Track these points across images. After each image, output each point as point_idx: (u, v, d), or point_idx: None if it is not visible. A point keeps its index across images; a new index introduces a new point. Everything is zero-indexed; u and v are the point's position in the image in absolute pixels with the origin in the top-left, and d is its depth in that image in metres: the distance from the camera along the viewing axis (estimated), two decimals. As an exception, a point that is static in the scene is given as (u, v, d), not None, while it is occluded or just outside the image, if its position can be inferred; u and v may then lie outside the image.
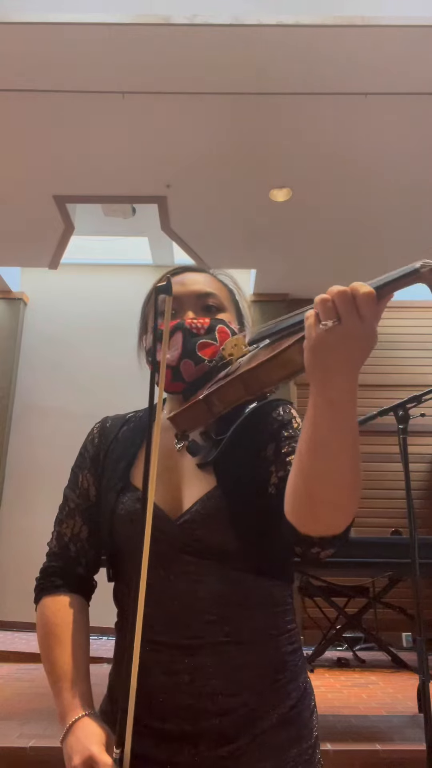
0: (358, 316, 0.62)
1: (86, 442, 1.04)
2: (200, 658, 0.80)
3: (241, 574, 0.84)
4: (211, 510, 0.84)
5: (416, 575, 2.18)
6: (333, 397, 0.66)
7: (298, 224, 4.71)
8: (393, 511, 5.24)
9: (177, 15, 3.18)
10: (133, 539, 0.87)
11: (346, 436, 0.68)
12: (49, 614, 0.91)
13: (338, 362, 0.64)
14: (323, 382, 0.66)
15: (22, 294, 6.42)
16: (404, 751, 2.24)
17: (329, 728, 2.51)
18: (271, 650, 0.84)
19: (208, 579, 0.83)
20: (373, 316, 0.63)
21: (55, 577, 0.94)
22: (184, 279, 0.99)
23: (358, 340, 0.64)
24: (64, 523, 0.98)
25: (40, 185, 4.33)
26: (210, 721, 0.79)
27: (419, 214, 4.52)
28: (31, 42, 3.25)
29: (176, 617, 0.82)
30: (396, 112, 3.64)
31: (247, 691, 0.81)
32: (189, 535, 0.84)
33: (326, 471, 0.69)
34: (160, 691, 0.81)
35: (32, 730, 2.36)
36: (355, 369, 0.65)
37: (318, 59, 3.32)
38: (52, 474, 5.62)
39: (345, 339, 0.63)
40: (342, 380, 0.65)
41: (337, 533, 0.73)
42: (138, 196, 4.57)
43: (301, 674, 0.87)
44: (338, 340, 0.63)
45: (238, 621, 0.83)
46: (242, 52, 3.29)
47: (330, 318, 0.63)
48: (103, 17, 3.19)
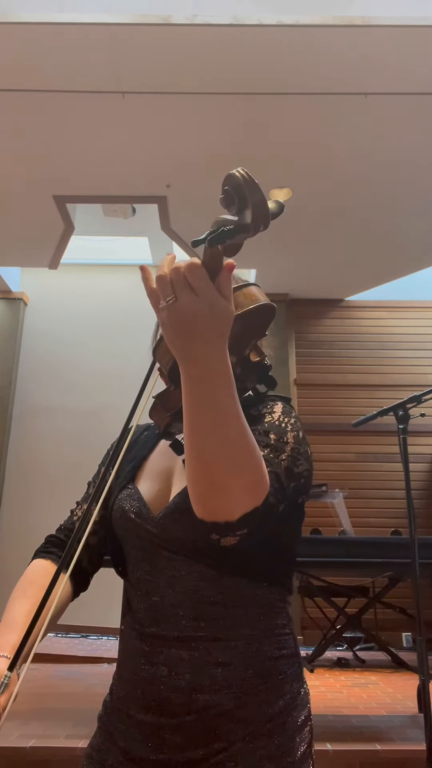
0: (192, 289, 0.63)
1: (113, 443, 1.07)
2: (177, 651, 0.81)
3: (216, 571, 0.84)
4: (183, 506, 0.84)
5: (416, 575, 2.18)
6: (192, 375, 0.66)
7: (298, 224, 4.71)
8: (393, 511, 5.24)
9: (177, 15, 3.18)
10: (120, 534, 0.92)
11: (212, 415, 0.67)
12: (29, 573, 0.93)
13: (184, 338, 0.64)
14: (179, 359, 0.66)
15: (22, 294, 6.43)
16: (404, 751, 2.24)
17: (329, 728, 2.51)
18: (252, 652, 0.82)
19: (185, 575, 0.84)
20: (206, 288, 0.63)
21: (51, 545, 0.98)
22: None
23: (197, 315, 0.63)
24: (79, 506, 1.03)
25: (40, 185, 4.33)
26: (185, 716, 0.79)
27: (420, 214, 4.52)
28: (32, 42, 3.25)
29: (157, 610, 0.84)
30: (396, 112, 3.64)
31: (224, 691, 0.80)
32: (165, 531, 0.86)
33: (197, 450, 0.69)
34: (144, 681, 0.82)
35: (32, 730, 2.36)
36: (209, 345, 0.64)
37: (318, 59, 3.32)
38: (52, 473, 5.65)
39: (184, 314, 0.63)
40: (196, 356, 0.65)
41: (229, 519, 0.70)
42: (138, 196, 4.57)
43: (290, 683, 0.84)
44: (178, 316, 0.64)
45: (214, 618, 0.82)
46: (242, 52, 3.29)
47: (168, 296, 0.64)
48: (103, 17, 3.19)
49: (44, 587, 0.85)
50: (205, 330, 0.64)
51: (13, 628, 0.82)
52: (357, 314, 6.17)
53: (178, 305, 0.63)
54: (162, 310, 0.65)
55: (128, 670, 0.86)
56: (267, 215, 0.59)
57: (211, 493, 0.70)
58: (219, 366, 0.66)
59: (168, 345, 0.67)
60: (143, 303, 2.32)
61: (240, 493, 0.70)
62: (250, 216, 0.58)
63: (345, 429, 5.21)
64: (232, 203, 0.60)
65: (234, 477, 0.69)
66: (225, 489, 0.70)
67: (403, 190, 4.27)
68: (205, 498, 0.71)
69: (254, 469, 0.70)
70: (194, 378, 0.66)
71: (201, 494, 0.71)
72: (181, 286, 0.63)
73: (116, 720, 0.85)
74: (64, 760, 2.11)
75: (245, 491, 0.70)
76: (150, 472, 0.96)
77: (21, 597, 0.88)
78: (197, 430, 0.68)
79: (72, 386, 6.10)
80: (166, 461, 0.95)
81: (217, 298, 0.64)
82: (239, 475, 0.69)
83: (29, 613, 0.82)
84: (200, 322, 0.63)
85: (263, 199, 0.59)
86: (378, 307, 6.18)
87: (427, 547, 2.56)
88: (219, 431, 0.67)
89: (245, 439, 0.69)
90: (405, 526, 2.62)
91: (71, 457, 5.37)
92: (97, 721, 0.91)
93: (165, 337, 0.67)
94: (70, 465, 4.92)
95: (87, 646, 4.80)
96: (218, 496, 0.70)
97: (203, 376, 0.66)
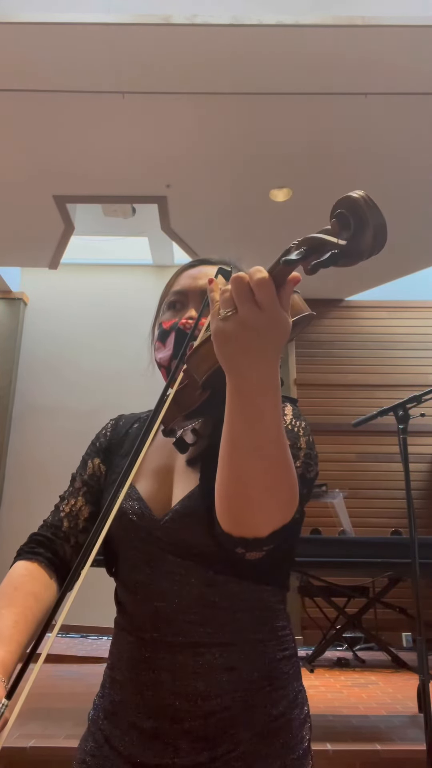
0: (255, 303, 0.60)
1: (99, 434, 1.04)
2: (181, 657, 0.79)
3: (224, 576, 0.82)
4: (190, 510, 0.82)
5: (416, 575, 2.18)
6: (242, 389, 0.63)
7: (298, 224, 4.71)
8: (393, 511, 5.24)
9: (177, 15, 3.18)
10: (117, 535, 0.88)
11: (259, 433, 0.64)
12: (14, 576, 0.86)
13: (240, 352, 0.61)
14: (230, 373, 0.63)
15: (22, 294, 6.43)
16: (404, 751, 2.24)
17: (329, 728, 2.51)
18: (257, 655, 0.82)
19: (191, 580, 0.82)
20: (271, 303, 0.60)
21: (36, 545, 0.92)
22: (196, 273, 0.98)
23: (259, 329, 0.60)
24: (65, 501, 0.96)
25: (40, 185, 4.33)
26: (190, 722, 0.77)
27: (419, 214, 4.52)
28: (31, 42, 3.25)
29: (160, 615, 0.81)
30: (396, 112, 3.64)
31: (229, 695, 0.79)
32: (171, 535, 0.83)
33: (236, 466, 0.66)
34: (145, 687, 0.80)
35: (32, 730, 2.37)
36: (264, 361, 0.62)
37: (318, 59, 3.32)
38: (52, 474, 5.63)
39: (243, 328, 0.60)
40: (249, 371, 0.62)
41: (259, 535, 0.70)
42: (138, 196, 4.57)
43: (291, 683, 0.84)
44: (236, 329, 0.60)
45: (220, 623, 0.81)
46: (242, 52, 3.29)
47: (228, 307, 0.61)
48: (103, 17, 3.19)
49: (31, 593, 0.83)
50: (263, 344, 0.61)
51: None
52: (357, 314, 6.17)
53: (239, 317, 0.60)
54: (220, 320, 0.62)
55: (125, 675, 0.83)
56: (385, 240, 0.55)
57: (245, 509, 0.69)
58: (271, 381, 0.63)
59: (219, 356, 0.63)
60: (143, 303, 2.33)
61: (274, 511, 0.69)
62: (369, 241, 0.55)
63: (345, 429, 5.20)
64: (346, 227, 0.56)
65: (272, 495, 0.67)
66: (261, 506, 0.68)
67: (403, 190, 4.27)
68: (238, 514, 0.69)
69: (291, 487, 0.69)
70: (244, 392, 0.63)
71: (234, 509, 0.69)
72: (245, 298, 0.60)
73: (112, 724, 0.83)
74: (64, 760, 2.11)
75: (279, 509, 0.69)
76: (147, 469, 0.93)
77: (6, 606, 0.81)
78: (240, 446, 0.65)
79: (72, 386, 6.10)
80: (164, 458, 0.92)
81: (279, 313, 0.61)
82: (277, 493, 0.68)
83: (16, 624, 0.78)
84: (259, 337, 0.60)
85: (384, 223, 0.55)
86: (378, 307, 6.18)
87: (427, 547, 2.56)
88: (263, 448, 0.65)
89: (286, 456, 0.67)
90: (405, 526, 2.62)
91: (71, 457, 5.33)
92: (87, 721, 0.88)
93: (218, 349, 0.63)
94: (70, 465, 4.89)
95: (87, 646, 4.81)
96: (253, 513, 0.69)
97: (253, 391, 0.63)
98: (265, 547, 0.71)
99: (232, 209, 4.61)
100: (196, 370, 0.76)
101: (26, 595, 0.82)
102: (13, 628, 0.77)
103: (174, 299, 0.97)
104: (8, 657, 0.75)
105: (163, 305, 1.01)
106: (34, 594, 0.83)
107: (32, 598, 0.83)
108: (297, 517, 0.73)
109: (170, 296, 0.98)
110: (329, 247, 0.57)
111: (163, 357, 0.94)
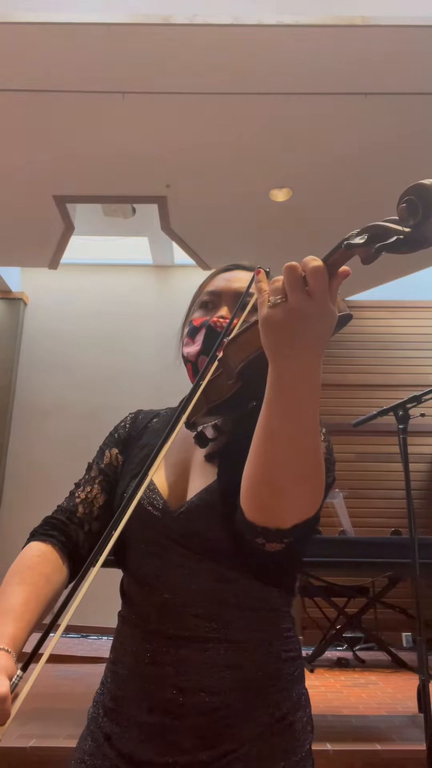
0: (306, 292, 0.60)
1: (117, 425, 1.05)
2: (185, 652, 0.79)
3: (235, 573, 0.82)
4: (208, 503, 0.83)
5: (416, 575, 2.18)
6: (285, 379, 0.63)
7: (298, 224, 4.71)
8: (393, 511, 5.24)
9: (177, 15, 3.18)
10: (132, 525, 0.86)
11: (295, 424, 0.65)
12: (28, 555, 0.85)
13: (287, 341, 0.61)
14: (275, 362, 0.64)
15: (22, 294, 6.43)
16: (404, 751, 2.24)
17: (329, 728, 2.51)
18: (263, 655, 0.82)
19: (201, 574, 0.82)
20: (322, 293, 0.60)
21: (51, 527, 0.91)
22: (230, 276, 1.01)
23: (307, 318, 0.60)
24: (81, 488, 0.96)
25: (40, 185, 4.33)
26: (193, 719, 0.77)
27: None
28: (31, 42, 3.25)
29: (167, 607, 0.81)
30: (395, 112, 3.64)
31: (233, 693, 0.78)
32: (185, 527, 0.83)
33: (270, 455, 0.67)
34: (147, 681, 0.80)
35: (32, 730, 2.36)
36: (309, 351, 0.62)
37: (318, 59, 3.32)
38: (52, 474, 5.65)
39: (292, 316, 0.60)
40: (294, 360, 0.62)
41: (281, 527, 0.70)
42: (138, 196, 4.57)
43: (295, 685, 0.85)
44: (285, 317, 0.61)
45: (228, 619, 0.81)
46: (242, 52, 3.29)
47: (278, 294, 0.61)
48: (103, 17, 3.19)
49: (43, 574, 0.82)
50: (311, 335, 0.61)
51: (10, 617, 0.75)
52: (357, 314, 6.13)
53: (289, 305, 0.60)
54: (270, 307, 0.61)
55: (127, 668, 0.83)
56: None
57: (273, 498, 0.69)
58: (314, 372, 0.63)
59: (265, 343, 0.63)
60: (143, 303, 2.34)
61: (300, 503, 0.70)
62: None
63: (345, 429, 5.20)
64: (414, 213, 0.57)
65: (301, 486, 0.68)
66: (289, 497, 0.69)
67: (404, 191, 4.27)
68: (264, 503, 0.70)
69: (319, 480, 0.70)
70: (286, 382, 0.63)
71: (261, 498, 0.70)
72: (296, 286, 0.60)
73: (112, 721, 0.82)
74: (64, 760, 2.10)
75: (305, 501, 0.70)
76: (164, 462, 0.93)
77: (19, 583, 0.80)
78: (276, 435, 0.66)
79: (72, 386, 6.10)
80: (181, 452, 0.93)
81: (328, 304, 0.61)
82: (305, 485, 0.68)
83: (27, 601, 0.78)
84: (308, 326, 0.61)
85: None
86: (378, 307, 6.17)
87: (427, 547, 2.56)
88: (299, 439, 0.66)
89: (318, 449, 0.68)
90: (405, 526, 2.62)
91: (71, 457, 5.36)
92: (87, 718, 0.88)
93: (264, 336, 0.63)
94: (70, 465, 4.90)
95: (87, 646, 4.80)
96: (280, 503, 0.69)
97: (295, 382, 0.63)
98: (285, 539, 0.72)
99: (232, 209, 4.61)
100: (234, 358, 0.76)
101: (39, 575, 0.82)
102: (24, 606, 0.77)
103: (207, 299, 0.99)
104: (18, 633, 0.74)
105: (195, 304, 1.03)
106: (46, 575, 0.83)
107: (44, 579, 0.82)
108: (318, 514, 0.74)
109: (203, 296, 1.00)
110: (393, 233, 0.57)
111: (191, 352, 0.95)
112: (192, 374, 0.96)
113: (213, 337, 0.91)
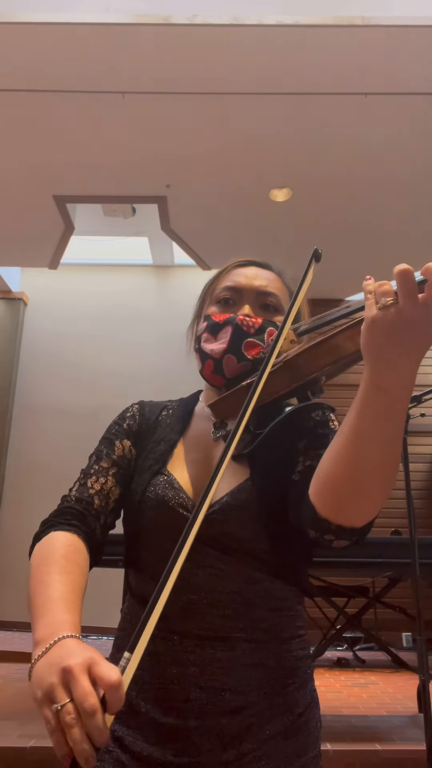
0: (418, 298, 0.59)
1: (124, 415, 1.01)
2: (211, 652, 0.79)
3: (260, 573, 0.83)
4: (241, 502, 0.83)
5: (416, 575, 2.19)
6: (382, 384, 0.63)
7: (298, 224, 4.70)
8: (393, 511, 5.21)
9: (177, 15, 3.18)
10: (157, 524, 0.86)
11: (386, 428, 0.66)
12: (58, 544, 0.79)
13: (393, 343, 0.61)
14: (375, 365, 0.63)
15: (22, 294, 6.43)
16: (404, 751, 2.24)
17: (329, 728, 2.51)
18: (284, 653, 0.83)
19: (229, 575, 0.82)
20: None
21: (72, 517, 0.85)
22: (250, 272, 0.99)
23: (416, 324, 0.60)
24: (93, 477, 0.91)
25: (40, 185, 4.33)
26: (216, 719, 0.77)
27: (420, 214, 4.52)
28: (31, 42, 3.25)
29: (193, 608, 0.81)
30: (396, 112, 3.64)
31: (256, 691, 0.79)
32: (215, 527, 0.82)
33: (360, 457, 0.67)
34: (169, 681, 0.79)
35: (32, 730, 2.36)
36: (411, 356, 0.62)
37: (318, 59, 3.32)
38: (52, 474, 5.64)
39: (401, 319, 0.60)
40: (394, 365, 0.62)
41: (355, 525, 0.72)
42: (138, 196, 4.57)
43: (309, 682, 0.86)
44: (394, 319, 0.60)
45: (253, 619, 0.82)
46: (242, 52, 3.29)
47: (388, 296, 0.61)
48: (103, 17, 3.19)
49: (77, 564, 0.78)
50: (417, 340, 0.61)
51: (64, 606, 0.70)
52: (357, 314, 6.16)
53: (399, 308, 0.60)
54: (379, 309, 0.61)
55: (146, 670, 0.80)
56: None
57: (355, 499, 0.70)
58: (411, 378, 0.63)
59: (368, 346, 0.63)
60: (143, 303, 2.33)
61: (379, 503, 0.71)
62: None
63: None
64: None
65: (382, 489, 0.69)
66: (370, 498, 0.70)
67: (404, 191, 4.26)
68: (344, 502, 0.70)
69: (392, 484, 0.71)
70: (384, 386, 0.63)
71: (342, 498, 0.70)
72: (410, 290, 0.59)
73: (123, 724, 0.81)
74: (64, 760, 2.10)
75: (379, 503, 0.71)
76: (184, 459, 0.92)
77: (59, 572, 0.74)
78: (366, 437, 0.66)
79: (72, 386, 6.10)
80: (200, 451, 0.92)
81: None
82: (384, 488, 0.69)
83: (73, 591, 0.73)
84: (415, 332, 0.60)
85: None
86: (378, 307, 6.16)
87: (427, 547, 2.56)
88: (389, 443, 0.67)
89: (398, 454, 0.69)
90: (405, 526, 2.62)
91: (71, 457, 5.35)
92: None
93: (370, 338, 0.62)
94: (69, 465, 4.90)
95: (87, 646, 4.79)
96: (362, 504, 0.70)
97: (393, 386, 0.63)
98: (354, 537, 0.73)
99: (232, 209, 4.61)
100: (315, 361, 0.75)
101: (74, 564, 0.78)
102: (72, 594, 0.73)
103: (227, 295, 0.97)
104: (78, 622, 0.70)
105: (209, 298, 1.00)
106: (80, 566, 0.79)
107: (79, 569, 0.78)
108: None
109: (222, 291, 0.98)
110: None
111: (215, 349, 0.93)
112: (211, 370, 0.94)
113: (241, 337, 0.91)
